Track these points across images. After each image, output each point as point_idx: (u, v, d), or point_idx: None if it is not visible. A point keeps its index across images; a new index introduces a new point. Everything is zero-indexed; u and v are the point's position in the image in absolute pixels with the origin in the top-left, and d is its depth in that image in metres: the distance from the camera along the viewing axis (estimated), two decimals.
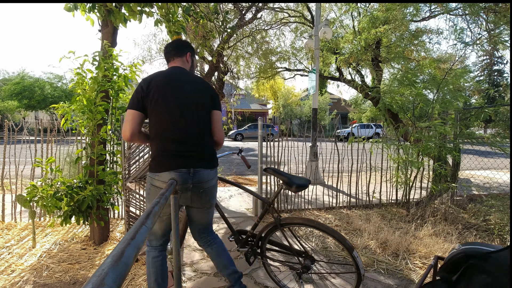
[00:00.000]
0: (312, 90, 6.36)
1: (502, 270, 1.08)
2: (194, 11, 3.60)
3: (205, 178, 1.62)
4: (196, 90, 1.66)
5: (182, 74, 1.68)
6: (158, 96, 1.56)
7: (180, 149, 1.56)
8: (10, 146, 4.12)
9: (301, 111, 26.78)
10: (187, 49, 1.81)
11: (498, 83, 30.54)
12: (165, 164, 1.54)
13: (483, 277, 1.13)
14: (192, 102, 1.62)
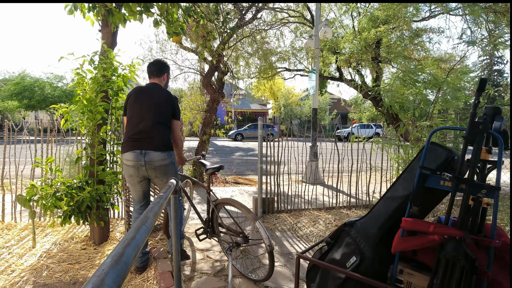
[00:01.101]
0: (312, 90, 6.36)
1: (359, 233, 1.57)
2: (194, 11, 3.60)
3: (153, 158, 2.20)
4: (161, 100, 2.31)
5: (153, 88, 2.36)
6: (132, 104, 2.32)
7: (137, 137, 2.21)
8: (10, 146, 4.11)
9: (301, 111, 26.78)
10: (165, 70, 2.50)
11: (498, 83, 30.54)
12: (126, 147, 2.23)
13: (347, 238, 1.59)
14: (151, 108, 2.27)
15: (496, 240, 1.20)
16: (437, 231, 1.26)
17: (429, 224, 1.30)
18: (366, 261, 1.48)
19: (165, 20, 2.97)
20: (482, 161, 1.26)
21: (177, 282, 1.68)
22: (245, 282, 2.29)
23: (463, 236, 1.19)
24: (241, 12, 5.77)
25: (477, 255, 1.18)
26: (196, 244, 2.99)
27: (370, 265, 1.47)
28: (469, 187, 1.23)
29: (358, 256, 1.51)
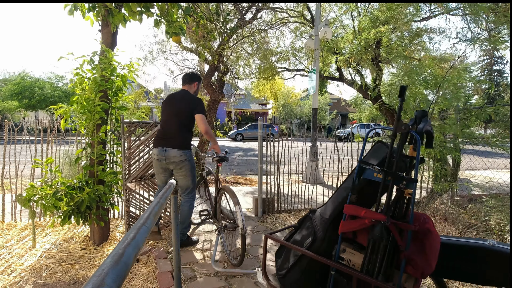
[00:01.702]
0: (312, 90, 6.36)
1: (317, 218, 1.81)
2: (194, 11, 3.60)
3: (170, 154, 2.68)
4: (184, 103, 2.77)
5: (179, 95, 2.83)
6: (163, 109, 2.85)
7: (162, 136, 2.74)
8: (10, 146, 4.12)
9: (301, 111, 26.77)
10: (196, 79, 2.98)
11: (498, 83, 30.54)
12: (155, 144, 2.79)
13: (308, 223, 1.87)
14: (175, 114, 2.75)
15: (413, 225, 1.39)
16: (367, 215, 1.49)
17: (362, 210, 1.52)
18: (318, 242, 1.72)
19: (165, 20, 2.97)
20: (410, 157, 1.48)
21: (177, 282, 1.68)
22: (245, 282, 2.29)
23: (385, 220, 1.40)
24: (241, 12, 5.77)
25: (397, 237, 1.40)
26: (196, 245, 2.99)
27: (320, 245, 1.71)
28: (393, 179, 1.44)
29: (312, 237, 1.77)
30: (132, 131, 3.10)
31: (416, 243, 1.44)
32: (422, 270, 1.39)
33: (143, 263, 2.56)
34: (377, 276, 1.42)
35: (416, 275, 1.40)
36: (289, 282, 1.79)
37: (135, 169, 3.18)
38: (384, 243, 1.41)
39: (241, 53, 6.84)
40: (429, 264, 1.38)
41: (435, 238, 1.41)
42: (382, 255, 1.42)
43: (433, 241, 1.40)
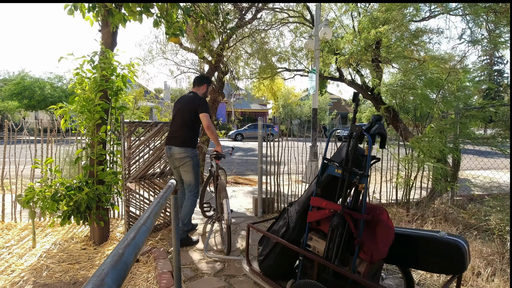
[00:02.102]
0: (312, 90, 6.36)
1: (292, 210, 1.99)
2: (194, 11, 3.60)
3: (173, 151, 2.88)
4: (189, 104, 2.92)
5: (186, 97, 2.99)
6: (173, 110, 3.08)
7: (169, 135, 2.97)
8: (10, 146, 4.11)
9: (301, 111, 26.77)
10: (205, 82, 3.12)
11: (498, 83, 30.54)
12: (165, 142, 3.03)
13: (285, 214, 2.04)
14: (180, 111, 2.94)
15: (365, 215, 1.58)
16: (327, 206, 1.69)
17: (323, 201, 1.71)
18: (289, 231, 1.91)
19: (165, 21, 2.97)
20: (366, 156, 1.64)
21: (177, 282, 1.68)
22: (245, 282, 2.29)
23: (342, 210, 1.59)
24: (241, 12, 5.76)
25: (351, 225, 1.58)
26: (196, 245, 2.99)
27: (291, 234, 1.90)
28: (348, 174, 1.63)
29: (286, 226, 1.96)
30: (132, 131, 3.10)
31: (369, 231, 1.63)
32: (372, 255, 1.56)
33: (143, 263, 2.56)
34: (334, 261, 1.61)
35: (366, 259, 1.57)
36: (266, 266, 2.02)
37: (135, 169, 3.18)
38: (341, 231, 1.61)
39: (241, 53, 6.84)
40: (379, 249, 1.55)
41: (386, 228, 1.60)
42: (339, 242, 1.61)
43: (384, 230, 1.59)
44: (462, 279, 1.97)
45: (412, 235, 1.70)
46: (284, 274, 2.02)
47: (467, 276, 2.31)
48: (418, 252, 1.68)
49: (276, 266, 1.98)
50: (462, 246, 1.54)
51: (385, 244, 1.58)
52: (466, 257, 1.52)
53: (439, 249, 1.59)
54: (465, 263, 1.52)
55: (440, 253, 1.59)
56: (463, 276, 2.33)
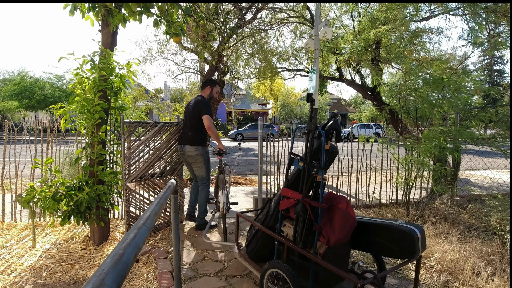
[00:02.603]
0: (312, 90, 6.35)
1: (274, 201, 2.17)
2: (194, 12, 3.60)
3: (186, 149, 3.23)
4: (193, 107, 3.25)
5: (196, 99, 3.31)
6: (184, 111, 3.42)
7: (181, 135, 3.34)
8: (10, 146, 4.11)
9: (301, 111, 26.77)
10: (208, 84, 3.44)
11: (498, 83, 30.54)
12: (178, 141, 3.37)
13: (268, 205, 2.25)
14: (188, 114, 3.30)
15: (322, 204, 1.75)
16: (291, 195, 1.90)
17: (289, 191, 1.92)
18: (268, 219, 2.17)
19: (165, 21, 2.97)
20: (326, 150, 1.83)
21: (177, 282, 1.68)
22: (245, 281, 2.29)
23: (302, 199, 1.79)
24: (241, 12, 5.76)
25: (310, 213, 1.78)
26: (195, 244, 2.99)
27: (269, 221, 2.15)
28: (308, 166, 1.82)
29: (266, 215, 2.21)
30: (132, 131, 3.10)
31: (328, 218, 1.82)
32: (329, 239, 1.75)
33: (143, 263, 2.56)
34: (299, 244, 1.82)
35: (325, 242, 1.77)
36: (250, 249, 2.29)
37: (135, 169, 3.18)
38: (303, 217, 1.80)
39: (241, 53, 6.84)
40: (336, 234, 1.75)
41: (344, 215, 1.78)
42: (302, 227, 1.82)
43: (341, 217, 1.77)
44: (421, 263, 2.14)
45: (375, 223, 1.89)
46: (266, 257, 2.22)
47: (467, 276, 2.31)
48: (380, 239, 1.86)
49: (258, 249, 2.23)
50: (414, 233, 1.70)
51: (343, 230, 1.76)
52: (417, 244, 1.68)
53: (395, 236, 1.77)
54: (417, 249, 1.68)
55: (396, 239, 1.76)
56: (462, 275, 2.33)
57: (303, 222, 1.81)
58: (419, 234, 1.70)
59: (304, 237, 1.81)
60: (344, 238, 1.79)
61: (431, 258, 2.62)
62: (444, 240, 2.96)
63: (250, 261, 2.23)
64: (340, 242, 1.80)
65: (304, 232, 1.80)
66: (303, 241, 1.81)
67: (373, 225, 1.90)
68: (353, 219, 1.84)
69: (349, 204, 1.86)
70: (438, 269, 2.48)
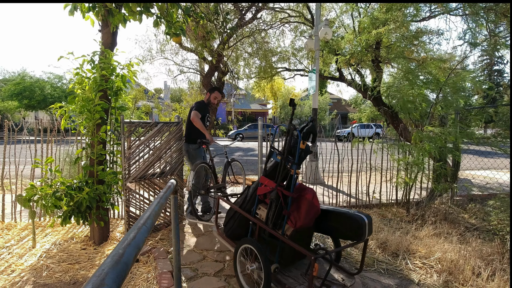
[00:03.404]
0: (312, 90, 6.36)
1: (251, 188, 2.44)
2: (194, 12, 3.60)
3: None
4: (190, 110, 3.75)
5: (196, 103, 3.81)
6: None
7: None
8: (10, 146, 4.11)
9: (301, 111, 26.75)
10: (208, 91, 3.95)
11: (498, 83, 30.53)
12: None
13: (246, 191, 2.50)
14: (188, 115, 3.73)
15: (292, 193, 2.08)
16: (268, 184, 2.20)
17: (266, 180, 2.22)
18: (245, 202, 2.43)
19: (165, 21, 2.97)
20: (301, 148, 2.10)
21: (177, 282, 1.68)
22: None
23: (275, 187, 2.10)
24: (241, 12, 5.76)
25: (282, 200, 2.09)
26: (195, 244, 2.99)
27: (246, 204, 2.41)
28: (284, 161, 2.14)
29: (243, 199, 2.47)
30: (132, 131, 3.10)
31: (296, 206, 2.13)
32: (296, 223, 2.08)
33: (143, 263, 2.56)
34: (270, 225, 2.13)
35: (292, 226, 2.10)
36: (227, 229, 2.56)
37: (135, 169, 3.18)
38: (275, 203, 2.12)
39: (241, 53, 6.84)
40: (301, 220, 2.06)
41: (309, 204, 2.08)
42: (273, 211, 2.13)
43: (306, 206, 2.08)
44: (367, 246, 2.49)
45: (333, 211, 2.24)
46: (240, 236, 2.46)
47: (467, 276, 2.31)
48: (337, 224, 2.20)
49: (234, 229, 2.51)
50: (362, 220, 2.04)
51: (307, 217, 2.08)
52: (365, 229, 2.02)
53: (348, 222, 2.11)
54: (364, 233, 2.03)
55: (348, 224, 2.10)
56: (462, 275, 2.33)
57: (275, 207, 2.13)
58: (366, 221, 2.04)
59: (275, 220, 2.14)
60: (308, 223, 2.12)
61: (431, 258, 2.62)
62: (444, 240, 2.96)
63: (227, 238, 2.52)
64: (305, 227, 2.13)
65: (275, 216, 2.13)
66: (274, 223, 2.14)
67: (332, 212, 2.24)
68: (317, 208, 2.16)
69: (315, 195, 2.17)
70: (438, 269, 2.48)
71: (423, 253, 2.75)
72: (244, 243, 2.12)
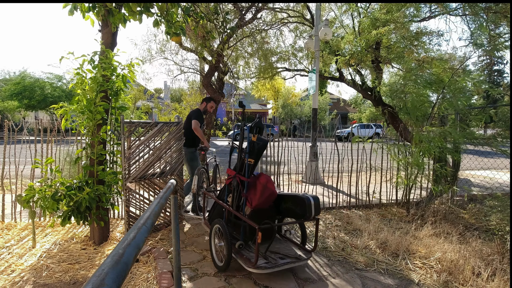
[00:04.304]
0: (312, 90, 6.36)
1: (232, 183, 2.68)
2: (194, 11, 3.60)
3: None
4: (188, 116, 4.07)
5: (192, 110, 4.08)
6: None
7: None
8: (10, 146, 4.11)
9: (301, 111, 26.75)
10: (203, 101, 4.21)
11: (498, 83, 30.52)
12: None
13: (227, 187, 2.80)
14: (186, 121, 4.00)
15: (247, 179, 2.50)
16: (230, 173, 2.67)
17: (229, 170, 2.70)
18: (221, 193, 2.92)
19: (165, 20, 2.97)
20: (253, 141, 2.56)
21: (177, 282, 1.68)
22: (244, 282, 2.29)
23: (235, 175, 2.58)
24: (241, 12, 5.76)
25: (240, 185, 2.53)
26: (195, 244, 2.99)
27: (222, 194, 2.93)
28: (240, 153, 2.64)
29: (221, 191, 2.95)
30: (132, 131, 3.10)
31: (253, 189, 2.47)
32: (252, 203, 2.42)
33: (143, 263, 2.56)
34: (233, 207, 2.54)
35: (249, 206, 2.45)
36: (209, 216, 2.98)
37: (135, 169, 3.18)
38: (236, 188, 2.56)
39: (241, 53, 6.84)
40: (255, 200, 2.41)
41: (263, 187, 2.40)
42: (235, 195, 2.56)
43: (260, 189, 2.41)
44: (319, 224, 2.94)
45: (288, 195, 2.60)
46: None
47: (467, 276, 2.31)
48: (291, 205, 2.54)
49: (214, 216, 2.92)
50: (308, 200, 2.38)
51: (261, 197, 2.39)
52: (310, 207, 2.37)
53: (298, 203, 2.45)
54: (309, 211, 2.37)
55: (298, 205, 2.44)
56: (462, 275, 2.33)
57: (236, 192, 2.54)
58: (312, 201, 2.39)
59: (237, 203, 2.52)
60: (263, 204, 2.44)
61: (431, 258, 2.62)
62: (444, 240, 2.96)
63: (209, 224, 2.88)
64: (262, 207, 2.46)
65: (237, 199, 2.52)
66: (237, 206, 2.53)
67: (288, 196, 2.60)
68: (271, 191, 2.43)
69: (269, 180, 2.47)
70: (438, 269, 2.48)
71: (423, 253, 2.75)
72: (215, 224, 2.52)
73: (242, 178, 2.49)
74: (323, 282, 2.30)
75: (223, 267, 2.35)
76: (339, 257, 2.72)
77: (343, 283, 2.28)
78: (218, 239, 2.46)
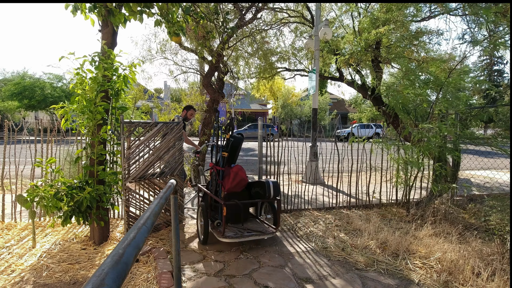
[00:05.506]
0: (312, 90, 6.36)
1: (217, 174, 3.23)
2: (194, 11, 3.60)
3: None
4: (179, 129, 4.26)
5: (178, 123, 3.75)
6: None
7: None
8: (10, 146, 4.11)
9: (301, 111, 26.75)
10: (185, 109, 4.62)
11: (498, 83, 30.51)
12: None
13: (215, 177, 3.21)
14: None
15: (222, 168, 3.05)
16: (210, 166, 3.20)
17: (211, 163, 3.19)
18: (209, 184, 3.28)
19: (165, 20, 2.97)
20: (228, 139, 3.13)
21: (177, 282, 1.68)
22: (244, 282, 2.29)
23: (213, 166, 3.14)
24: (241, 12, 5.76)
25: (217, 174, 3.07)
26: (195, 244, 2.99)
27: (208, 185, 3.31)
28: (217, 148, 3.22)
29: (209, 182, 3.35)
30: (132, 131, 3.10)
31: (227, 176, 2.98)
32: (225, 188, 2.94)
33: (143, 263, 2.56)
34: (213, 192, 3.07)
35: (224, 190, 2.97)
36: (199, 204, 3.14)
37: (135, 169, 3.18)
38: (214, 176, 3.08)
39: (241, 53, 6.84)
40: (228, 184, 2.95)
41: (234, 174, 2.95)
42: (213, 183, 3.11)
43: (232, 176, 2.94)
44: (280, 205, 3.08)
45: (257, 181, 3.19)
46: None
47: (467, 276, 2.31)
48: (258, 189, 3.10)
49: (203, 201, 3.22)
50: (267, 182, 3.00)
51: (233, 182, 2.94)
52: (269, 188, 2.96)
53: (261, 186, 3.05)
54: (269, 192, 2.96)
55: (262, 188, 3.04)
56: (462, 275, 2.33)
57: (214, 180, 3.08)
58: (271, 183, 2.99)
59: (215, 188, 3.07)
60: (235, 188, 3.00)
61: (431, 258, 2.62)
62: (444, 240, 2.96)
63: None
64: (234, 190, 3.03)
65: (215, 185, 3.07)
66: (215, 191, 3.07)
67: (256, 182, 3.17)
68: (241, 177, 2.99)
69: (241, 169, 3.02)
70: (438, 269, 2.48)
71: (423, 253, 2.75)
72: (199, 206, 3.05)
73: (218, 168, 3.06)
74: (323, 282, 2.30)
75: (204, 240, 2.92)
76: (339, 257, 2.72)
77: (343, 283, 2.28)
78: (201, 219, 2.97)
